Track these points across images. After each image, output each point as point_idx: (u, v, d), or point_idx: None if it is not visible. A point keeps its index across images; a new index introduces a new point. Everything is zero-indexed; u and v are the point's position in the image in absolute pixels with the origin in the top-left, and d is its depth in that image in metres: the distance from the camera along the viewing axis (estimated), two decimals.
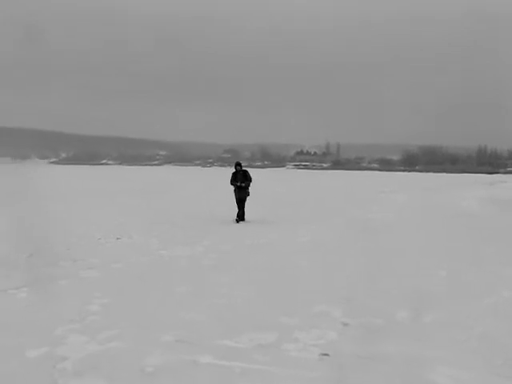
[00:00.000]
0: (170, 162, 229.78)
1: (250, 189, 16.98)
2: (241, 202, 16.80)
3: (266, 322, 6.12)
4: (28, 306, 6.88)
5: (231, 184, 17.02)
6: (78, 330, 5.88)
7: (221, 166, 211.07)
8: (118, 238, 12.63)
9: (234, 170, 17.10)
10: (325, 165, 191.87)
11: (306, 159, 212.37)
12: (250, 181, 16.91)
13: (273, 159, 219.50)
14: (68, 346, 5.39)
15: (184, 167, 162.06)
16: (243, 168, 17.22)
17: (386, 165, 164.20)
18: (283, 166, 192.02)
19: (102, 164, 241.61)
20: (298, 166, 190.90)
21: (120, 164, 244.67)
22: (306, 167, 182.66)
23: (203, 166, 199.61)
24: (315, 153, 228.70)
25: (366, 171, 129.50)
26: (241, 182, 16.74)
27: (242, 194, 16.77)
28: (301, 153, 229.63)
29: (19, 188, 36.42)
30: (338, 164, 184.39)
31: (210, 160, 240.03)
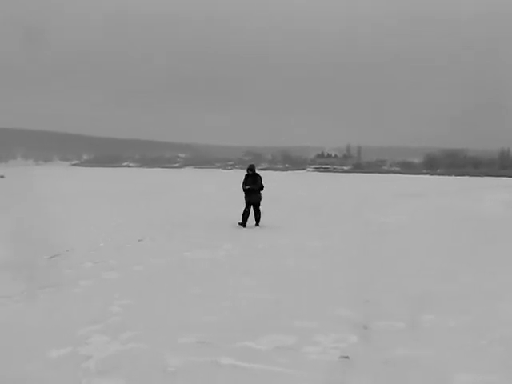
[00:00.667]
0: (190, 165, 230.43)
1: (265, 193, 16.76)
2: (255, 206, 16.31)
3: (285, 325, 6.14)
4: (51, 306, 6.98)
5: (243, 187, 16.60)
6: (100, 330, 5.96)
7: (241, 168, 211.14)
8: (139, 240, 12.73)
9: (246, 174, 16.77)
10: (345, 168, 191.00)
11: (326, 162, 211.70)
12: (260, 186, 16.43)
13: (293, 162, 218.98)
14: (91, 345, 5.47)
15: (204, 170, 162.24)
16: (256, 172, 16.73)
17: (407, 168, 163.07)
18: (304, 169, 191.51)
19: (123, 166, 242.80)
20: (318, 169, 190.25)
21: (141, 166, 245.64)
22: (326, 170, 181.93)
23: (224, 169, 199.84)
24: (336, 155, 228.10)
25: (387, 174, 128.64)
26: (249, 186, 16.30)
27: (252, 198, 16.29)
28: (321, 156, 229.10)
29: (38, 190, 36.83)
30: (359, 167, 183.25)
31: (231, 162, 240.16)
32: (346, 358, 5.18)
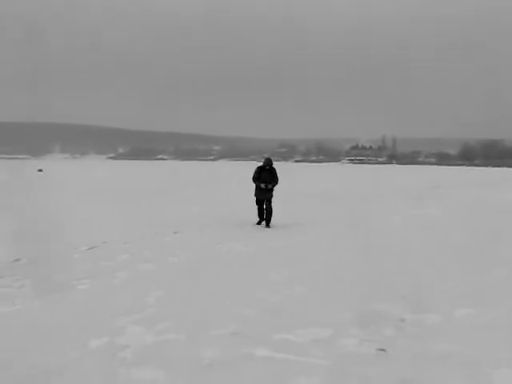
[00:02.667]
0: (224, 157, 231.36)
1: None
2: (267, 202, 14.62)
3: (321, 318, 6.12)
4: (88, 297, 7.08)
5: (254, 182, 14.75)
6: (137, 321, 6.02)
7: (276, 160, 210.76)
8: (175, 233, 12.82)
9: (260, 165, 14.87)
10: (380, 159, 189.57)
11: (361, 154, 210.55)
12: (276, 182, 14.72)
13: (328, 154, 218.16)
14: (127, 336, 5.53)
15: (239, 162, 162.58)
16: (273, 166, 14.85)
17: (443, 159, 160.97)
18: (338, 161, 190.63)
19: (157, 159, 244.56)
20: (353, 161, 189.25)
21: (175, 159, 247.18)
22: (361, 162, 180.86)
23: (258, 161, 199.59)
24: (371, 147, 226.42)
25: (422, 166, 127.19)
26: (266, 184, 14.50)
27: (265, 195, 14.58)
28: (356, 147, 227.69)
29: (75, 183, 37.36)
30: (394, 158, 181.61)
31: (265, 154, 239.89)
32: (383, 350, 5.14)
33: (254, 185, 14.78)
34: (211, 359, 4.91)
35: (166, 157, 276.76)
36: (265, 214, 14.58)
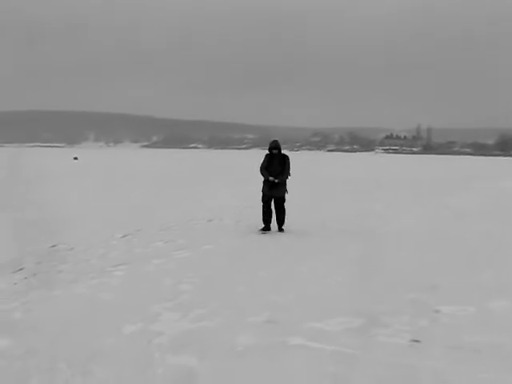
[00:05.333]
0: (257, 146, 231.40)
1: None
2: (277, 203, 11.51)
3: (355, 307, 6.09)
4: (124, 283, 7.17)
5: (261, 173, 11.56)
6: (171, 307, 6.08)
7: (309, 150, 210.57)
8: (209, 220, 12.88)
9: (268, 153, 11.62)
10: (415, 149, 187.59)
11: (395, 143, 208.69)
12: (288, 173, 11.53)
13: (361, 143, 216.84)
14: (162, 322, 5.59)
15: None
16: (283, 152, 11.82)
17: (479, 149, 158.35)
18: (372, 150, 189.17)
19: (191, 148, 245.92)
20: (387, 151, 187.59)
21: (208, 148, 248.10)
22: (395, 152, 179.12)
23: (290, 150, 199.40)
24: (405, 137, 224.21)
25: (457, 156, 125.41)
26: (275, 176, 11.31)
27: (277, 192, 11.38)
28: (390, 137, 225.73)
29: (109, 171, 37.79)
30: (429, 148, 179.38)
31: (298, 144, 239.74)
32: (417, 341, 5.10)
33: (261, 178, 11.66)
34: (245, 346, 4.94)
35: (199, 145, 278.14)
36: (275, 216, 11.56)
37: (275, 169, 11.36)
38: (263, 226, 11.43)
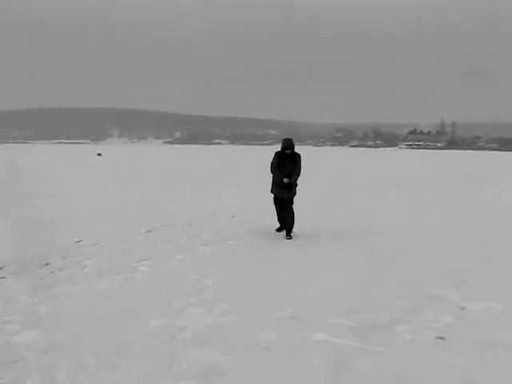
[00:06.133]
0: (280, 142, 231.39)
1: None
2: (285, 205, 10.60)
3: (379, 304, 6.06)
4: (148, 278, 7.22)
5: (272, 172, 10.58)
6: (195, 303, 6.11)
7: (332, 145, 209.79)
8: (232, 216, 12.90)
9: (280, 151, 10.61)
10: (439, 144, 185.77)
11: (419, 139, 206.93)
12: (298, 175, 10.50)
13: (385, 139, 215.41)
14: (186, 317, 5.62)
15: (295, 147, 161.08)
16: (295, 150, 10.69)
17: (505, 144, 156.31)
18: (395, 146, 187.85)
19: (214, 144, 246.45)
20: (410, 146, 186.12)
21: (232, 143, 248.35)
22: (419, 147, 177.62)
23: (314, 146, 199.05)
24: (429, 132, 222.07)
25: (482, 151, 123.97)
26: (287, 176, 10.32)
27: (287, 193, 10.50)
28: (414, 132, 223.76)
29: (132, 167, 38.02)
30: (453, 143, 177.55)
31: (322, 139, 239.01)
32: (442, 338, 5.05)
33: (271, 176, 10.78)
34: (269, 342, 4.95)
35: (222, 141, 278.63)
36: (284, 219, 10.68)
37: (287, 169, 10.39)
38: (278, 225, 10.96)
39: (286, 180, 10.31)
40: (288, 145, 10.45)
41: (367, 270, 7.63)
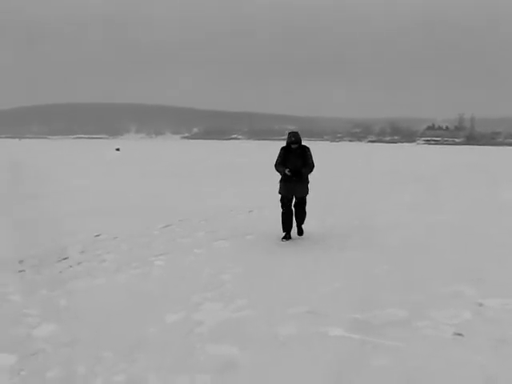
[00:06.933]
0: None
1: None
2: (298, 203, 9.62)
3: (397, 299, 6.04)
4: (166, 273, 7.26)
5: (277, 169, 9.56)
6: (213, 297, 6.13)
7: (350, 141, 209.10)
8: (250, 211, 12.92)
9: (285, 146, 9.56)
10: (457, 140, 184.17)
11: (437, 134, 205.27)
12: (311, 167, 9.45)
13: (403, 134, 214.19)
14: (203, 312, 5.64)
15: (312, 142, 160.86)
16: (304, 144, 9.63)
17: None
18: (413, 142, 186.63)
19: (231, 139, 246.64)
20: (428, 142, 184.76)
21: (249, 139, 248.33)
22: (436, 142, 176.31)
23: (331, 141, 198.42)
24: (447, 127, 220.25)
25: (502, 147, 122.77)
26: (294, 169, 9.23)
27: (298, 192, 9.47)
28: (432, 127, 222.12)
29: (151, 162, 38.15)
30: (472, 139, 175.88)
31: (339, 135, 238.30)
32: (460, 335, 5.02)
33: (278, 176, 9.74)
34: (286, 337, 4.95)
35: (239, 136, 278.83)
36: (295, 218, 9.71)
37: (293, 164, 9.27)
38: (283, 234, 9.56)
39: (287, 170, 9.19)
40: (294, 139, 9.39)
41: (383, 266, 7.57)
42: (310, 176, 9.59)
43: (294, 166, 9.23)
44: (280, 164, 9.39)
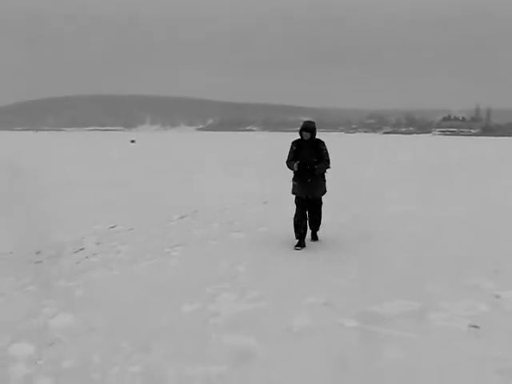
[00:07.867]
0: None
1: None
2: (313, 205, 8.54)
3: (412, 291, 6.01)
4: (181, 264, 7.29)
5: (288, 166, 8.43)
6: (228, 288, 6.15)
7: (365, 132, 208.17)
8: (264, 203, 12.92)
9: (296, 140, 8.46)
10: (473, 131, 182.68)
11: (453, 125, 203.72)
12: (327, 162, 8.33)
13: (418, 125, 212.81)
14: (219, 303, 5.67)
15: (327, 133, 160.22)
16: (318, 137, 8.42)
17: None
18: (429, 133, 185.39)
19: (246, 130, 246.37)
20: (444, 133, 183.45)
21: (263, 130, 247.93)
22: (452, 133, 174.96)
23: (346, 132, 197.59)
24: (463, 118, 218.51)
25: None
26: (307, 163, 8.16)
27: (313, 192, 8.37)
28: (448, 118, 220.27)
29: (166, 154, 38.24)
30: (488, 130, 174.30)
31: (354, 126, 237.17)
32: (476, 327, 4.99)
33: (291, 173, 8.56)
34: (300, 327, 4.96)
35: (254, 128, 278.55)
36: (308, 223, 8.65)
37: (306, 159, 8.19)
38: (297, 241, 8.43)
39: (296, 166, 8.17)
40: (305, 126, 8.33)
41: (397, 258, 7.54)
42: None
43: (307, 161, 8.19)
44: (291, 161, 8.32)
